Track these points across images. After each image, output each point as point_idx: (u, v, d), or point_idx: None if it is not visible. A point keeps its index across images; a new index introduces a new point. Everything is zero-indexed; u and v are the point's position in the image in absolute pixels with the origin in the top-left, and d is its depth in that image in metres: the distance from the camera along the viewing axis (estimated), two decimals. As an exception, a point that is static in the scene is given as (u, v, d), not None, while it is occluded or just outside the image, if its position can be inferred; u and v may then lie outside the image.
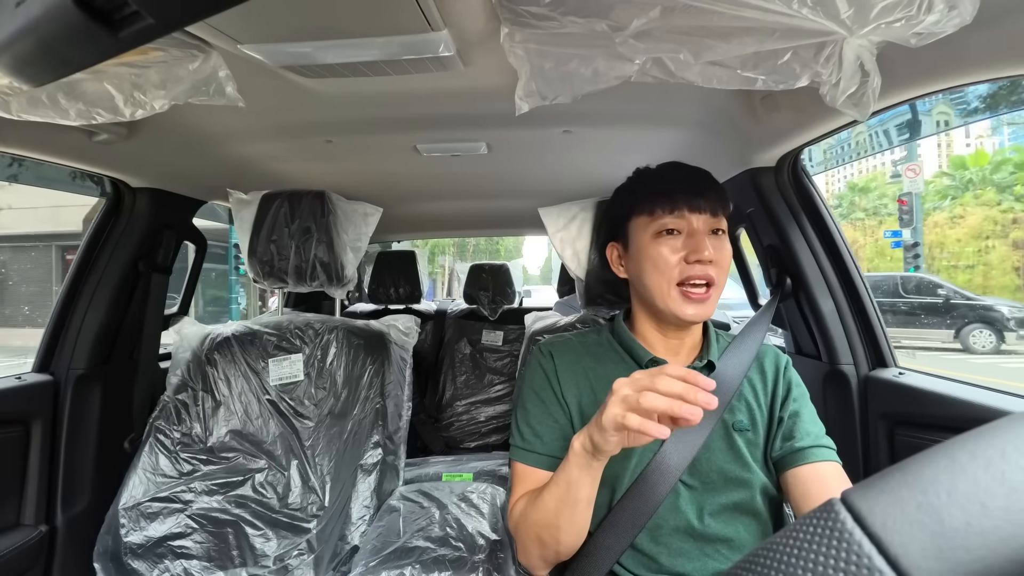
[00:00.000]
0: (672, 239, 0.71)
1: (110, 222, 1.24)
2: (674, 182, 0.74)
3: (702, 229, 0.71)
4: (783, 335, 1.33)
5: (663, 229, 0.72)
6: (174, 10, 0.29)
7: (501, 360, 2.27)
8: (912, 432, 0.97)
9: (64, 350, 1.20)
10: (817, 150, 1.15)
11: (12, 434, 1.09)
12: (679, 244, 0.71)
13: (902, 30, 0.53)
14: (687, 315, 0.70)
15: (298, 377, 1.20)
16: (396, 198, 1.71)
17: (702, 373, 0.73)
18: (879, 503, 0.19)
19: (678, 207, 0.71)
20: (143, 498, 1.07)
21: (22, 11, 0.31)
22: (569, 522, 0.64)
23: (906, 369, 1.06)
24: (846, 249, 1.14)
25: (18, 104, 0.65)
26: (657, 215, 0.72)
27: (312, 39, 0.69)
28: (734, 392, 0.72)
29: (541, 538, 0.67)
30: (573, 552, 0.69)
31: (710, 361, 0.74)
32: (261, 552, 1.06)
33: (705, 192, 0.72)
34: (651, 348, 0.76)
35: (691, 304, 0.70)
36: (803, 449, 0.69)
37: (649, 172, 0.79)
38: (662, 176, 0.76)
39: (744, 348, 0.77)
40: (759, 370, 0.76)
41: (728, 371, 0.74)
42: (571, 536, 0.66)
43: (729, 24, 0.56)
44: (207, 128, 1.06)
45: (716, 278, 0.71)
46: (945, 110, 9.94)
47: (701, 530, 0.68)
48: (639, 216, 0.75)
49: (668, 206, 0.72)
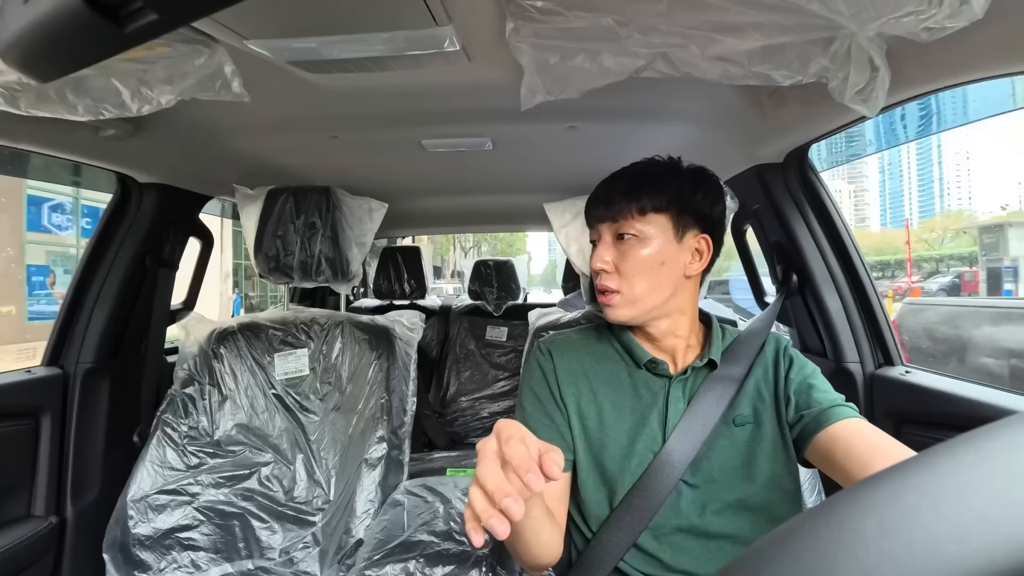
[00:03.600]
0: (593, 250, 0.76)
1: (118, 217, 1.25)
2: (594, 195, 0.77)
3: (605, 238, 0.74)
4: (789, 332, 1.32)
5: (591, 240, 0.78)
6: (180, 6, 0.29)
7: (505, 356, 2.28)
8: (918, 430, 0.96)
9: (73, 344, 1.21)
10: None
11: (22, 427, 1.10)
12: (593, 254, 0.75)
13: (912, 25, 0.53)
14: (607, 318, 0.75)
15: (303, 372, 1.20)
16: (401, 193, 1.71)
17: (703, 372, 0.73)
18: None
19: (592, 220, 0.76)
20: (151, 490, 1.09)
21: (30, 7, 0.31)
22: (522, 548, 0.64)
23: (913, 367, 1.05)
24: (853, 246, 1.13)
25: (27, 100, 0.65)
26: (591, 227, 0.78)
27: (317, 34, 0.69)
28: (736, 390, 0.72)
29: (513, 550, 0.68)
30: (550, 566, 0.70)
31: (711, 360, 0.74)
32: (267, 544, 1.07)
33: (610, 198, 0.73)
34: (648, 348, 0.76)
35: (604, 307, 0.74)
36: (827, 409, 0.66)
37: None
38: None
39: (746, 345, 0.76)
40: (762, 361, 0.75)
41: (730, 369, 0.73)
42: (533, 557, 0.66)
43: (736, 18, 0.56)
44: (213, 124, 1.06)
45: (615, 284, 0.72)
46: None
47: (704, 528, 0.68)
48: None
49: (588, 219, 0.77)
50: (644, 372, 0.75)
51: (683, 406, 0.72)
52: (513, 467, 0.44)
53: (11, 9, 0.32)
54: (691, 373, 0.74)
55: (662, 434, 0.71)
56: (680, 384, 0.73)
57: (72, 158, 1.05)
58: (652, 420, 0.72)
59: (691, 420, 0.70)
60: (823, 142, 1.03)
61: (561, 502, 0.72)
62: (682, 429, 0.69)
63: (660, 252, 0.71)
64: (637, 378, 0.75)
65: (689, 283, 0.75)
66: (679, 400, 0.72)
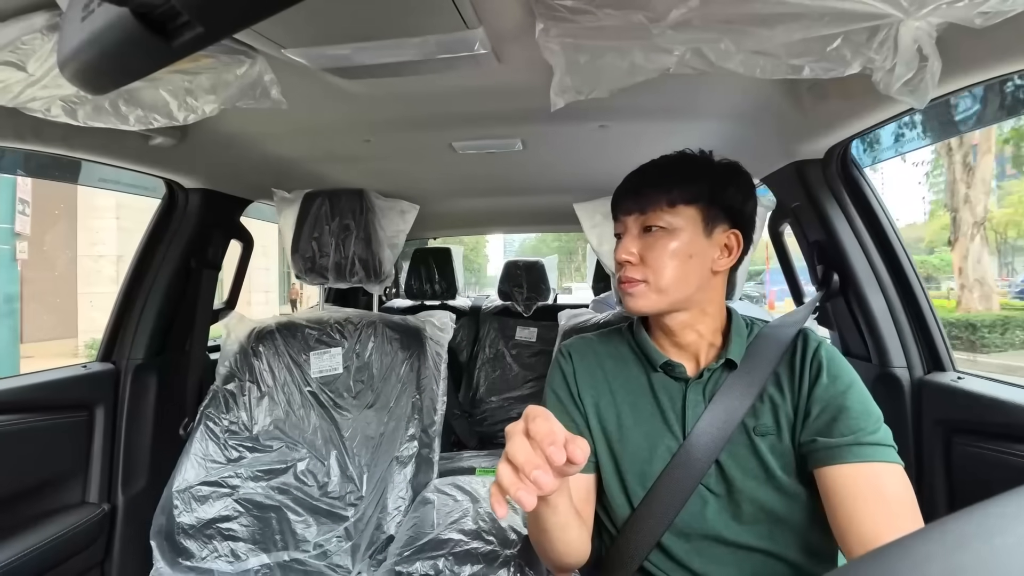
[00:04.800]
0: (617, 243, 0.75)
1: (165, 221, 1.32)
2: (622, 186, 0.76)
3: (631, 230, 0.73)
4: (830, 336, 1.27)
5: (615, 234, 0.77)
6: (223, 18, 0.30)
7: (535, 356, 2.27)
8: (971, 441, 0.91)
9: (124, 341, 1.28)
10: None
11: (78, 418, 1.17)
12: (617, 246, 0.74)
13: (966, 10, 0.50)
14: (626, 307, 0.73)
15: (338, 370, 1.24)
16: (432, 195, 1.73)
17: (721, 374, 0.71)
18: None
19: (616, 212, 0.76)
20: (194, 482, 1.14)
21: (87, 24, 0.33)
22: (550, 547, 0.66)
23: (965, 373, 0.99)
24: (900, 244, 1.07)
25: (84, 112, 0.69)
26: (616, 220, 0.77)
27: (351, 41, 0.70)
28: (757, 393, 0.68)
29: (542, 549, 0.69)
30: (577, 567, 0.70)
31: (729, 360, 0.71)
32: (302, 537, 1.10)
33: (639, 189, 0.72)
34: (664, 350, 0.75)
35: (623, 297, 0.73)
36: (844, 447, 0.60)
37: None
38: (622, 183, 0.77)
39: (772, 342, 0.72)
40: (788, 364, 0.70)
41: (751, 370, 0.70)
42: (559, 556, 0.67)
43: (773, 10, 0.54)
44: (253, 130, 1.10)
45: (640, 275, 0.70)
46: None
47: (733, 538, 0.66)
48: None
49: (613, 212, 0.76)
50: (661, 374, 0.73)
51: (702, 409, 0.70)
52: (537, 441, 0.46)
53: (70, 27, 0.34)
54: (708, 375, 0.71)
55: (681, 436, 0.70)
56: (698, 387, 0.71)
57: (124, 165, 1.11)
58: (671, 423, 0.71)
59: (710, 422, 0.68)
60: (866, 136, 0.99)
61: (587, 503, 0.72)
62: (700, 431, 0.68)
63: (688, 245, 0.69)
64: (655, 380, 0.74)
65: (716, 279, 0.73)
66: (698, 403, 0.70)
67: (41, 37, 0.61)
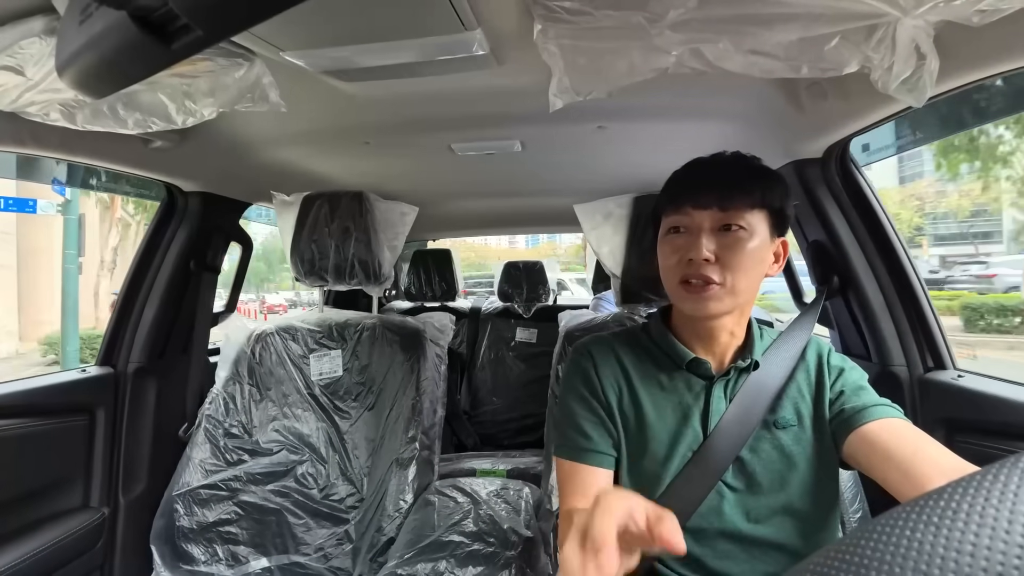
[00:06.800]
0: (676, 237, 0.71)
1: (165, 224, 1.31)
2: (684, 179, 0.73)
3: (704, 226, 0.69)
4: (829, 335, 1.27)
5: (669, 227, 0.73)
6: (220, 21, 0.30)
7: (535, 358, 2.27)
8: (973, 439, 0.90)
9: (124, 344, 1.28)
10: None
11: (79, 422, 1.17)
12: (682, 242, 0.70)
13: (963, 8, 0.50)
14: (686, 310, 0.70)
15: (337, 372, 1.23)
16: (432, 197, 1.73)
17: (746, 374, 0.72)
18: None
19: (682, 204, 0.70)
20: (195, 485, 1.13)
21: (85, 28, 0.33)
22: None
23: (966, 372, 0.99)
24: (899, 243, 1.07)
25: (83, 116, 0.69)
26: (668, 213, 0.73)
27: (350, 43, 0.70)
28: (776, 392, 0.70)
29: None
30: None
31: (754, 361, 0.72)
32: (303, 540, 1.10)
33: (717, 186, 0.69)
34: (690, 347, 0.75)
35: (689, 299, 0.69)
36: (870, 407, 0.65)
37: (677, 171, 0.77)
38: (679, 173, 0.75)
39: (788, 346, 0.74)
40: (804, 367, 0.74)
41: (771, 370, 0.72)
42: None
43: (772, 10, 0.54)
44: (252, 133, 1.10)
45: (718, 277, 0.67)
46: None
47: (748, 534, 0.67)
48: (661, 215, 0.75)
49: (674, 204, 0.71)
50: (685, 372, 0.74)
51: (724, 406, 0.71)
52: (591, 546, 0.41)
53: (68, 31, 0.34)
54: (733, 374, 0.72)
55: (703, 434, 0.70)
56: (722, 384, 0.72)
57: (124, 169, 1.11)
58: (694, 420, 0.71)
59: (732, 420, 0.69)
60: (864, 135, 0.99)
61: None
62: (723, 429, 0.68)
63: (760, 248, 0.69)
64: (678, 378, 0.74)
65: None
66: (720, 400, 0.71)
67: (39, 41, 0.61)
